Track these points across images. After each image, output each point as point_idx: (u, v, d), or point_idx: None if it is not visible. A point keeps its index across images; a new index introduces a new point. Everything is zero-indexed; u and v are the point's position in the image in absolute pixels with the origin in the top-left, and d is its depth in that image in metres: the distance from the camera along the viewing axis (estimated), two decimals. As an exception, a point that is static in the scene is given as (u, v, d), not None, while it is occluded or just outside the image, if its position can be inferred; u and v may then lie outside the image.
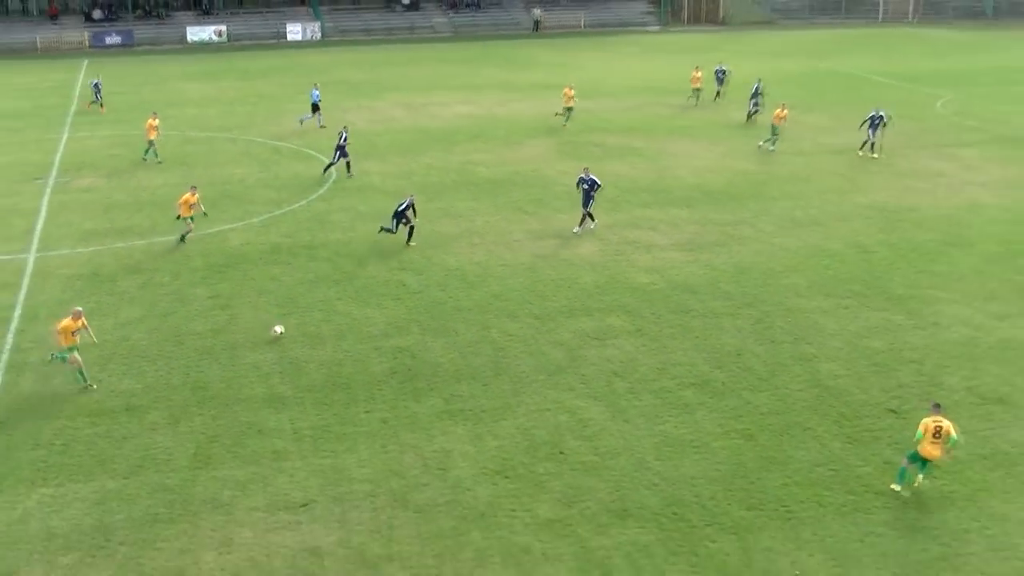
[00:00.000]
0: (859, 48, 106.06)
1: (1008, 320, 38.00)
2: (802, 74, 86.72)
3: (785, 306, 38.85)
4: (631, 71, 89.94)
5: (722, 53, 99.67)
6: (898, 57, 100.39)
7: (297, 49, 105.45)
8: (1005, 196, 53.44)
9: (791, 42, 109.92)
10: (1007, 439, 29.91)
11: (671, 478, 27.49)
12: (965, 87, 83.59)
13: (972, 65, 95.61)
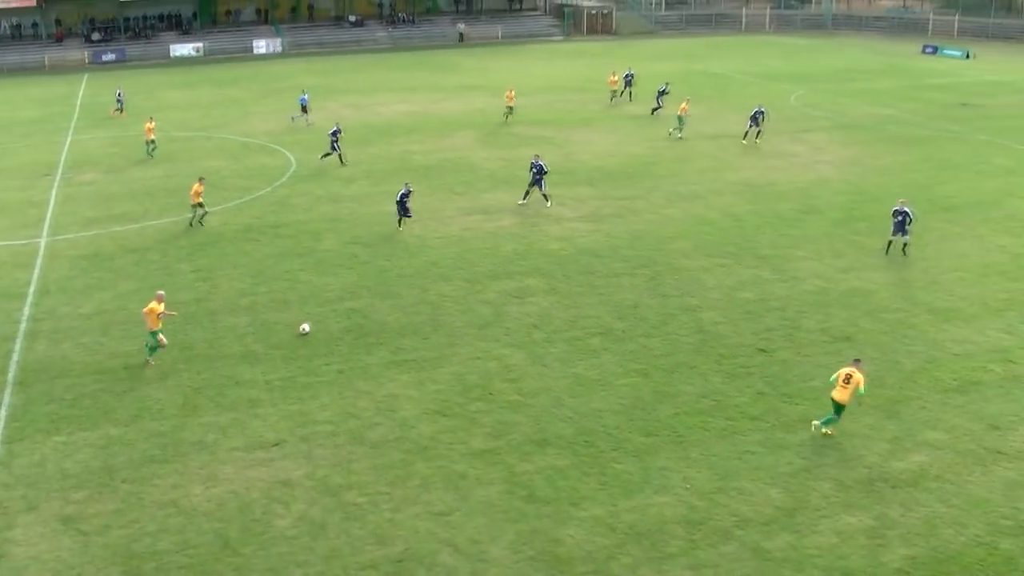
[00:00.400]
0: (726, 52, 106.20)
1: (852, 273, 38.21)
2: (680, 73, 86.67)
3: (673, 266, 38.81)
4: (540, 74, 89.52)
5: (614, 58, 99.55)
6: (758, 59, 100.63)
7: (262, 61, 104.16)
8: (846, 172, 53.72)
9: (670, 48, 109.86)
10: (854, 370, 30.04)
11: (582, 412, 27.38)
12: (812, 83, 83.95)
13: (817, 66, 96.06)
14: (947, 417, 27.40)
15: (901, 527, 22.51)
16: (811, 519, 22.77)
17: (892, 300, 35.59)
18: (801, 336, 32.45)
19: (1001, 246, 41.47)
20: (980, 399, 28.43)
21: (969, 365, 30.51)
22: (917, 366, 30.44)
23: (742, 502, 23.35)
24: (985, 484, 24.27)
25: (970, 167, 55.41)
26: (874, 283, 37.20)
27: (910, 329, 33.15)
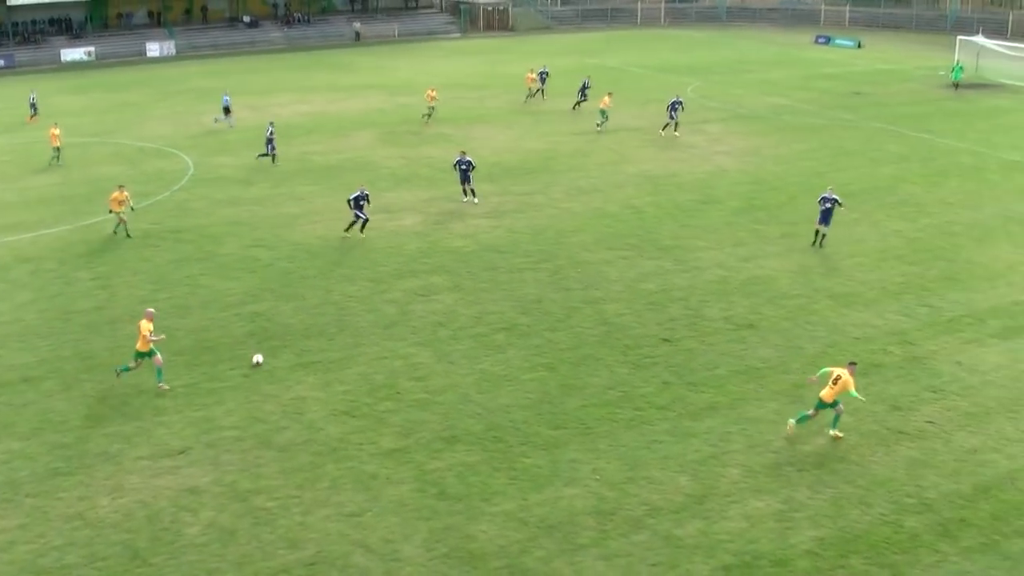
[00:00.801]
0: (622, 46, 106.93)
1: (752, 261, 38.75)
2: (576, 68, 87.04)
3: (575, 259, 39.00)
4: (438, 71, 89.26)
5: (511, 54, 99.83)
6: (654, 53, 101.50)
7: (156, 64, 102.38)
8: (744, 162, 54.46)
9: (567, 43, 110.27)
10: (757, 356, 30.54)
11: (490, 407, 27.41)
12: (707, 76, 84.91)
13: (712, 58, 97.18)
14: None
15: (809, 509, 22.89)
16: (721, 505, 23.05)
17: (793, 287, 36.17)
18: (704, 325, 32.83)
19: (897, 231, 42.38)
20: (881, 381, 29.03)
21: (869, 348, 31.13)
22: (819, 351, 30.98)
23: (652, 491, 23.55)
24: (888, 464, 24.79)
25: (864, 154, 56.54)
26: (775, 270, 37.77)
27: (811, 315, 33.73)
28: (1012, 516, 22.78)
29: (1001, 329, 32.83)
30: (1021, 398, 28.16)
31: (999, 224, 43.49)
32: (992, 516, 22.76)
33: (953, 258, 39.42)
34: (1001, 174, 52.54)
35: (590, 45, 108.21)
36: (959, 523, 22.49)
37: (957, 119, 67.18)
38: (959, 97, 76.53)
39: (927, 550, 21.55)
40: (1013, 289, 36.29)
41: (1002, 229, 42.93)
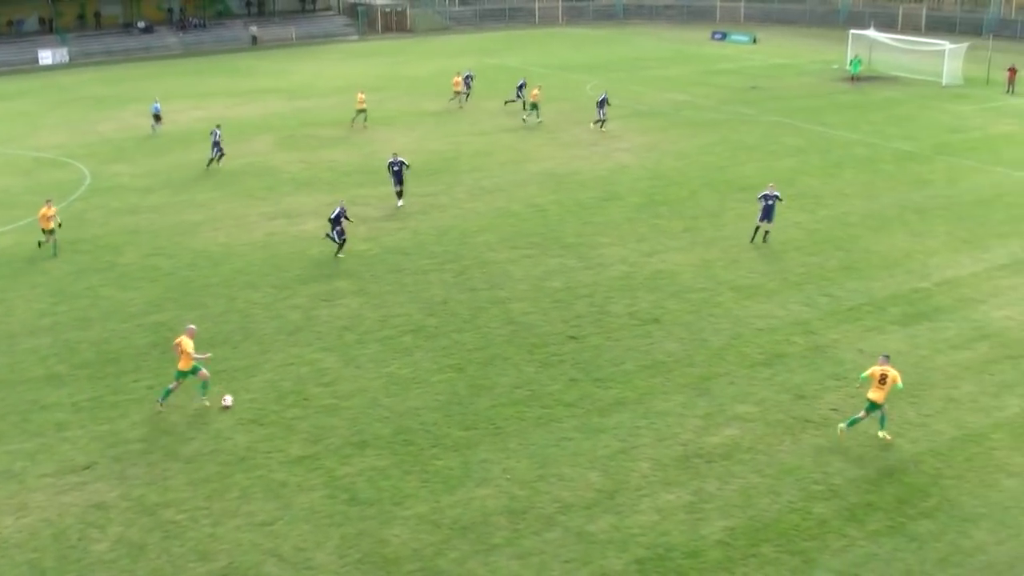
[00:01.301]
0: (521, 46, 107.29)
1: (655, 256, 39.11)
2: (475, 68, 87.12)
3: (480, 259, 39.03)
4: (337, 74, 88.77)
5: (411, 55, 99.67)
6: (552, 51, 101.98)
7: (49, 72, 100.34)
8: (644, 158, 54.93)
9: (466, 43, 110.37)
10: (663, 351, 30.82)
11: (399, 411, 27.31)
12: (606, 73, 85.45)
13: (610, 55, 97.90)
14: (755, 390, 28.31)
15: (718, 500, 23.15)
16: (631, 499, 23.22)
17: (696, 280, 36.57)
18: (610, 321, 33.05)
19: (796, 223, 43.04)
20: (785, 371, 29.47)
21: (773, 339, 31.59)
22: (724, 343, 31.36)
23: (563, 488, 23.65)
24: (795, 452, 25.17)
25: (763, 147, 57.37)
26: (677, 265, 38.15)
27: (715, 307, 34.13)
28: (916, 498, 23.27)
29: (900, 316, 33.52)
30: (922, 383, 28.78)
31: (895, 213, 44.39)
32: (897, 499, 23.23)
33: (851, 248, 40.15)
34: (895, 164, 53.65)
35: (489, 45, 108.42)
36: (866, 507, 22.91)
37: (851, 111, 68.47)
38: (853, 90, 78.01)
39: (835, 535, 21.92)
40: (911, 276, 37.07)
41: (898, 218, 43.83)
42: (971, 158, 55.27)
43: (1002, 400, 27.81)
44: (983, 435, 26.05)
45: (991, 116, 67.77)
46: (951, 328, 32.63)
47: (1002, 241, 41.08)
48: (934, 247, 40.33)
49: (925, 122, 65.31)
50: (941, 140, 59.85)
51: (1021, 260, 38.97)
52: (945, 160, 54.74)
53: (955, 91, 77.48)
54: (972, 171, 52.44)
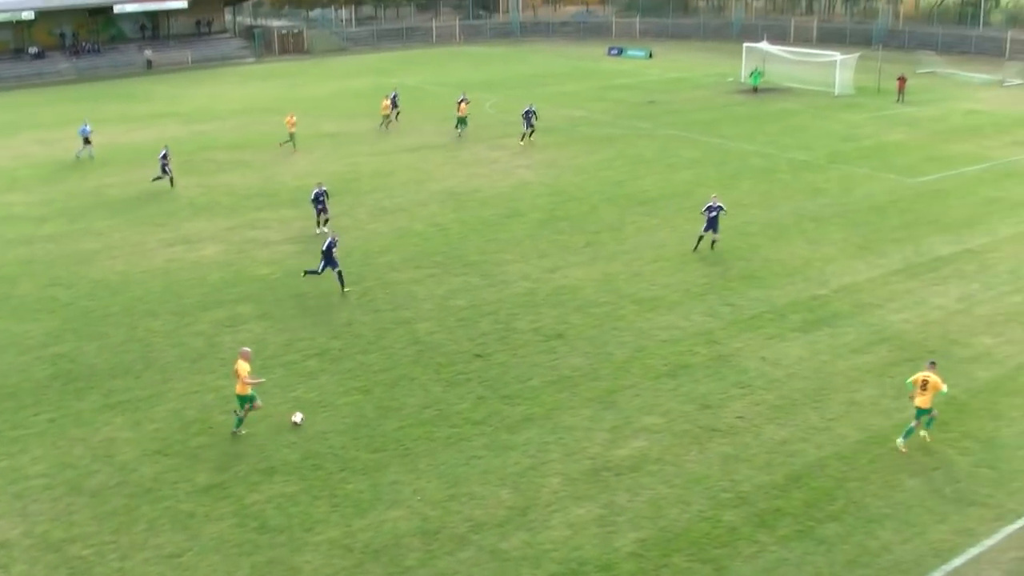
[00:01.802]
0: (419, 65, 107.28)
1: (558, 272, 39.33)
2: (373, 89, 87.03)
3: (384, 280, 38.92)
4: (234, 97, 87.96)
5: (308, 77, 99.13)
6: (451, 70, 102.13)
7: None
8: (545, 175, 55.25)
9: (364, 64, 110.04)
10: (569, 365, 30.98)
11: (306, 436, 27.10)
12: (504, 91, 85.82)
13: (508, 73, 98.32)
14: (661, 401, 28.58)
15: (629, 512, 23.32)
16: (543, 515, 23.29)
17: (599, 294, 36.84)
18: (515, 338, 33.16)
19: (696, 234, 43.52)
20: (690, 381, 29.80)
21: (677, 350, 31.93)
22: (628, 355, 31.63)
23: (475, 507, 23.65)
24: (703, 461, 25.45)
25: (661, 161, 58.03)
26: (580, 280, 38.41)
27: (618, 321, 34.41)
28: (823, 502, 23.67)
29: (801, 323, 34.11)
30: (824, 388, 29.31)
31: (792, 222, 45.16)
32: (805, 503, 23.61)
33: (751, 257, 40.78)
34: (791, 174, 54.63)
35: (387, 65, 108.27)
36: (774, 513, 23.25)
37: (747, 123, 69.59)
38: (748, 101, 79.32)
39: (746, 542, 22.21)
40: (810, 284, 37.75)
41: (795, 227, 44.61)
42: (864, 166, 56.49)
43: (902, 402, 28.31)
44: (885, 437, 26.58)
45: (883, 124, 69.33)
46: (850, 333, 33.28)
47: (897, 246, 42.02)
48: (831, 254, 41.12)
49: (819, 132, 66.61)
50: (835, 149, 61.09)
51: (916, 264, 39.90)
52: (839, 168, 55.87)
53: (847, 101, 79.17)
54: (866, 179, 53.59)
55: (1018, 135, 66.20)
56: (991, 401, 28.64)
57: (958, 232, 43.96)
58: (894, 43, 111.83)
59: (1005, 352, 31.91)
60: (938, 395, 25.96)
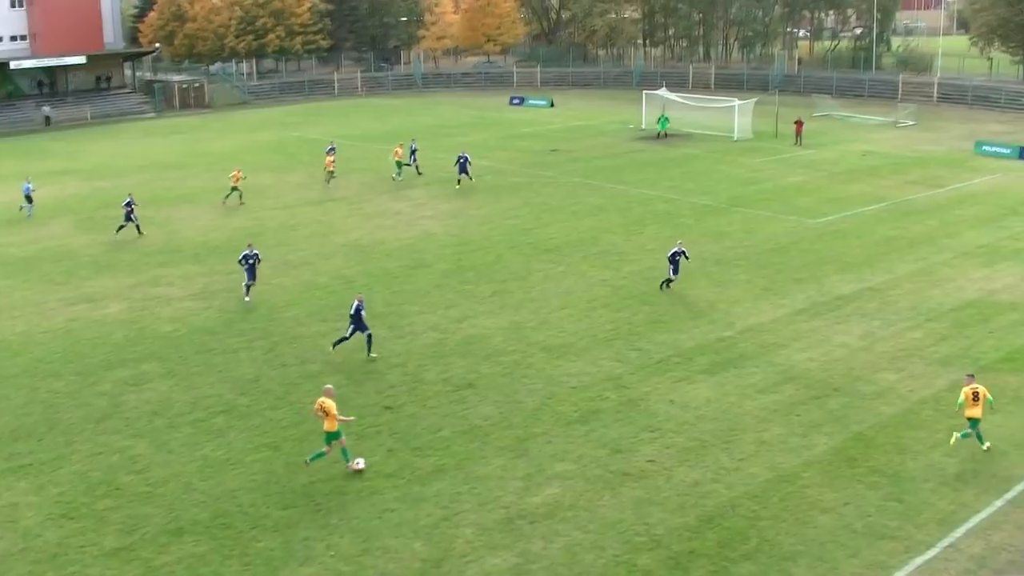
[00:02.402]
0: (321, 118, 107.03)
1: (466, 321, 39.34)
2: (277, 142, 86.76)
3: (290, 334, 38.60)
4: (135, 153, 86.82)
5: (210, 132, 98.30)
6: (354, 122, 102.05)
7: None
8: (450, 224, 55.36)
9: (266, 117, 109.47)
10: (479, 415, 30.96)
11: (215, 494, 26.68)
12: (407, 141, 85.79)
13: (411, 124, 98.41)
14: (573, 447, 28.66)
15: (544, 559, 23.28)
16: (458, 566, 23.16)
17: (507, 343, 36.92)
18: (424, 389, 33.06)
19: (603, 280, 43.95)
20: (601, 426, 29.94)
21: (587, 396, 32.07)
22: (539, 403, 31.69)
23: (388, 560, 23.45)
24: (616, 506, 25.54)
25: (566, 208, 58.48)
26: (488, 328, 38.46)
27: (528, 368, 34.49)
28: (737, 542, 23.86)
29: (708, 365, 34.49)
30: (733, 429, 29.63)
31: (697, 266, 45.69)
32: (718, 544, 23.78)
33: (657, 302, 41.19)
34: (694, 218, 55.41)
35: (290, 118, 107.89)
36: (688, 555, 23.37)
37: (649, 169, 70.52)
38: (649, 148, 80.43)
39: (659, 586, 22.28)
40: (715, 326, 38.23)
41: (700, 270, 45.16)
42: (766, 208, 57.51)
43: (810, 439, 28.81)
44: (795, 474, 26.93)
45: (782, 167, 70.73)
46: (757, 373, 33.73)
47: (800, 286, 42.77)
48: (736, 296, 41.72)
49: (720, 176, 67.72)
50: (736, 192, 62.12)
51: (819, 304, 40.63)
52: (741, 211, 56.80)
53: (747, 145, 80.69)
54: (767, 221, 54.54)
55: (913, 175, 68.02)
56: (896, 435, 29.18)
57: (859, 271, 44.89)
58: (791, 88, 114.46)
59: (908, 387, 32.59)
60: (987, 402, 27.74)
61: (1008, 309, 40.19)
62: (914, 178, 67.00)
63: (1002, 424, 29.74)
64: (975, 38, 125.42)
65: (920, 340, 36.81)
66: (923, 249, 48.91)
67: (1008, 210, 57.92)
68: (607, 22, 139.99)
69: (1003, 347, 36.17)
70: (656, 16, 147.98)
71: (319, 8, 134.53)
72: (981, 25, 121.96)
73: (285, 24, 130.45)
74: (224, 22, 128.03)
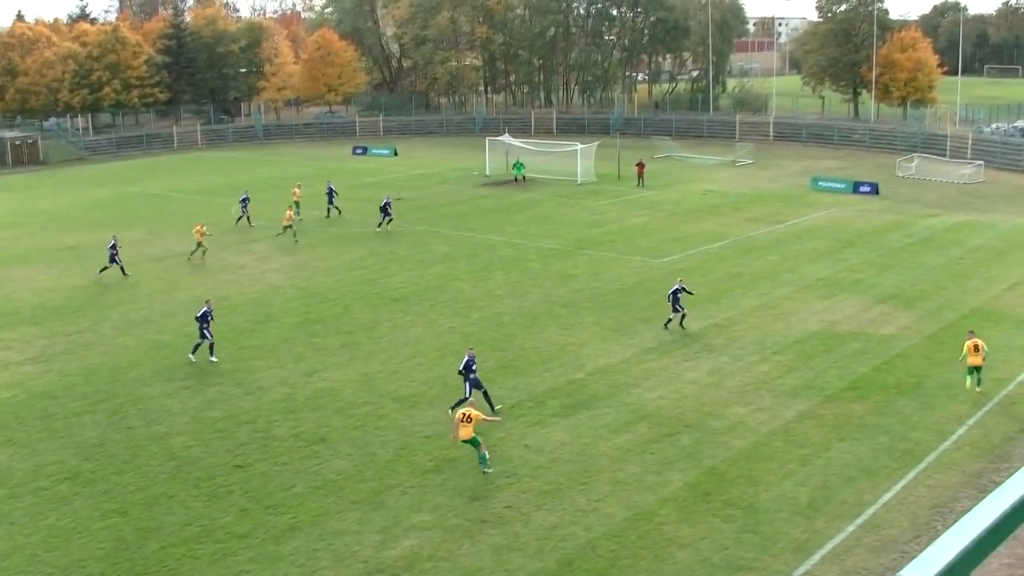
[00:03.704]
0: (161, 172, 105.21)
1: (316, 375, 39.04)
2: (115, 198, 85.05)
3: (135, 395, 37.74)
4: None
5: (45, 188, 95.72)
6: (194, 176, 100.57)
7: None
8: (295, 277, 54.93)
9: (103, 173, 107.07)
10: (333, 469, 30.69)
11: (62, 565, 25.85)
12: (251, 195, 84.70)
13: (253, 177, 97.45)
14: (429, 498, 28.59)
15: (402, 613, 23.14)
16: (315, 625, 22.87)
17: (358, 395, 36.72)
18: (276, 445, 32.64)
19: (451, 327, 44.08)
20: (456, 474, 29.95)
21: (441, 444, 32.03)
22: (393, 454, 31.56)
23: (244, 623, 23.04)
24: (475, 554, 25.53)
25: (412, 257, 58.57)
26: (338, 381, 38.21)
27: (380, 420, 34.35)
28: (594, 584, 24.06)
29: (560, 408, 34.81)
30: (588, 470, 29.92)
31: (545, 309, 46.19)
32: (576, 588, 23.94)
33: (507, 347, 41.45)
34: (541, 262, 56.03)
35: (128, 173, 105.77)
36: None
37: (494, 215, 71.12)
38: (493, 194, 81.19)
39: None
40: (566, 369, 38.63)
41: (548, 314, 45.65)
42: (611, 250, 58.48)
43: (665, 476, 29.27)
44: (652, 512, 27.32)
45: (625, 209, 72.07)
46: (609, 414, 34.16)
47: (647, 326, 43.54)
48: (585, 338, 42.25)
49: (565, 219, 68.65)
50: (581, 235, 63.05)
51: (667, 342, 41.41)
52: (587, 254, 57.66)
53: (590, 188, 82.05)
54: (613, 262, 55.46)
55: (752, 212, 70.01)
56: (748, 468, 29.84)
57: (704, 308, 45.88)
58: (631, 131, 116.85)
59: (757, 419, 33.39)
60: (985, 352, 34.07)
61: (849, 339, 41.56)
62: (754, 215, 68.97)
63: (848, 451, 30.71)
64: (807, 78, 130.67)
65: (767, 373, 37.79)
66: (765, 284, 50.32)
67: (845, 243, 60.02)
68: (448, 70, 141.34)
69: (847, 376, 37.37)
70: (497, 63, 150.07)
71: (156, 61, 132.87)
72: (812, 65, 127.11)
73: (121, 77, 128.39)
74: (58, 76, 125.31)
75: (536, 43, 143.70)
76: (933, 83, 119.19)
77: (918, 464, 29.92)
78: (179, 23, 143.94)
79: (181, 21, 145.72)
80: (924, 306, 46.31)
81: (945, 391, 35.65)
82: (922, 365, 38.53)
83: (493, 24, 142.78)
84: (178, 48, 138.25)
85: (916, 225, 65.90)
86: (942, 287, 49.72)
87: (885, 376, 37.39)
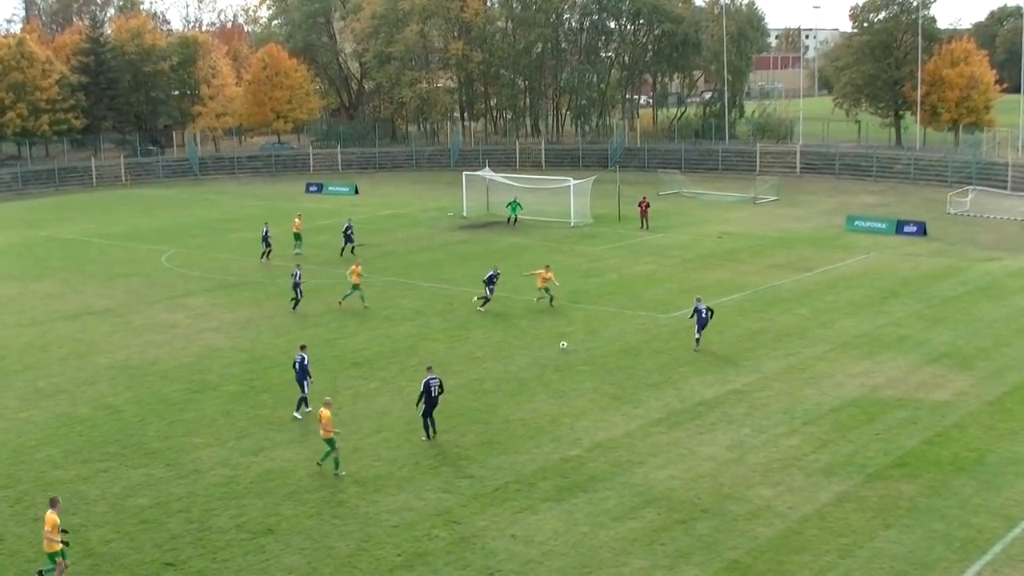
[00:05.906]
0: (78, 213, 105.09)
1: (262, 453, 38.69)
2: (21, 244, 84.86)
3: (44, 480, 37.28)
4: None
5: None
6: (117, 218, 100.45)
7: None
8: (238, 338, 54.60)
9: (7, 213, 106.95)
10: (282, 566, 30.42)
11: None
12: (184, 240, 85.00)
13: (187, 219, 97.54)
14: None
15: None
16: None
17: (313, 478, 36.38)
18: (214, 539, 32.24)
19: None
20: (429, 571, 29.62)
21: (411, 535, 31.71)
22: (354, 548, 31.21)
23: None
24: (449, 668, 25.15)
25: (376, 314, 58.35)
26: (289, 461, 37.87)
27: (339, 507, 33.99)
28: None
29: (553, 491, 34.47)
30: (586, 565, 29.58)
31: (534, 375, 45.96)
32: None
33: (489, 419, 41.16)
34: (528, 318, 55.85)
35: (36, 214, 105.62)
36: None
37: (473, 263, 70.99)
38: (471, 239, 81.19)
39: None
40: (559, 444, 38.32)
41: (538, 379, 45.41)
42: (610, 304, 58.41)
43: (678, 571, 28.94)
44: (662, 616, 26.97)
45: (627, 255, 72.15)
46: (611, 498, 33.85)
47: (654, 392, 43.32)
48: (581, 407, 41.99)
49: (556, 268, 68.38)
50: (576, 287, 62.98)
51: (678, 411, 41.16)
52: (583, 308, 57.56)
53: (585, 231, 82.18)
54: (613, 318, 55.34)
55: (776, 257, 70.12)
56: (777, 561, 29.52)
57: (721, 371, 45.72)
58: (633, 163, 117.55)
59: (787, 503, 33.08)
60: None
61: (895, 406, 41.39)
62: (779, 261, 69.06)
63: (897, 540, 30.43)
64: (839, 99, 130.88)
65: (797, 447, 37.55)
66: (793, 342, 50.20)
67: (887, 292, 60.04)
68: (418, 93, 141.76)
69: (892, 451, 37.14)
70: (475, 85, 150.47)
71: (70, 81, 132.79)
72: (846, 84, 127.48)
73: (28, 100, 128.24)
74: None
75: (521, 61, 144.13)
76: (990, 103, 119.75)
77: (982, 555, 29.67)
78: (98, 36, 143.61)
79: (100, 34, 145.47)
80: (983, 367, 46.24)
81: (1012, 467, 35.49)
82: (983, 437, 38.37)
83: (470, 39, 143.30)
84: (97, 66, 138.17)
85: (972, 271, 66.02)
86: (1005, 343, 49.69)
87: (939, 450, 37.20)
